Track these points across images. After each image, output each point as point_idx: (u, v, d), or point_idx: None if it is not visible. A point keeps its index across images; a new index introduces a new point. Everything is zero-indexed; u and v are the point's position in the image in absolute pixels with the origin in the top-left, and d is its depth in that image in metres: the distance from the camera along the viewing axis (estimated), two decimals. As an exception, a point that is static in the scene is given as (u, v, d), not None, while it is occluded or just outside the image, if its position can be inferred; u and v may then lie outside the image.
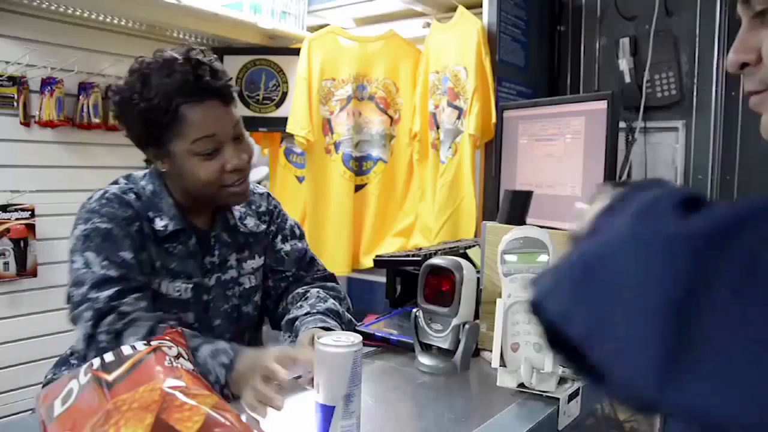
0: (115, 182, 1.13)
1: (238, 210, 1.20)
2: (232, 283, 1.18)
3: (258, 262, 1.23)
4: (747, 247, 0.31)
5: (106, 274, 1.00)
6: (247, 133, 1.12)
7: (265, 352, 0.91)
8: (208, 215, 1.17)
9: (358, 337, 0.77)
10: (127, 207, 1.06)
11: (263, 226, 1.24)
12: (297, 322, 1.13)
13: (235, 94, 1.11)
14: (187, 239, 1.11)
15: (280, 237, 1.26)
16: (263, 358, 0.88)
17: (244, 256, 1.20)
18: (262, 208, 1.25)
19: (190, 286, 1.11)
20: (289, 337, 1.14)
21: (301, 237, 1.31)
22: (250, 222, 1.22)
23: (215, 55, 1.09)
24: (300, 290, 1.23)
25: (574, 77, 2.22)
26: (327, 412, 0.76)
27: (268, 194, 1.29)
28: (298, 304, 1.18)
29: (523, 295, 0.92)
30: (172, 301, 1.09)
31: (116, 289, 0.99)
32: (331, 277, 1.31)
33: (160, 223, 1.08)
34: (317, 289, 1.22)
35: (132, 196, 1.08)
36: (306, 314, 1.13)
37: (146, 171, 1.15)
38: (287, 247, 1.26)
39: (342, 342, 0.76)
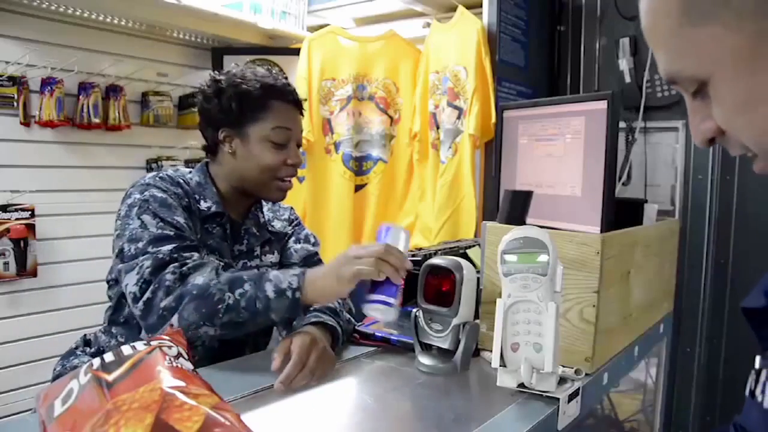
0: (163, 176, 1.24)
1: (267, 213, 1.35)
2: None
3: (275, 257, 1.35)
4: None
5: (163, 233, 1.08)
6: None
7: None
8: (242, 211, 1.29)
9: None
10: (178, 186, 1.18)
11: (286, 229, 1.38)
12: (296, 319, 1.14)
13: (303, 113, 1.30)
14: (225, 223, 1.23)
15: (294, 239, 1.39)
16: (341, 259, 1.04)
17: (266, 251, 1.33)
18: (285, 216, 1.40)
19: (222, 264, 1.17)
20: (285, 331, 1.19)
21: (315, 244, 1.41)
22: (277, 224, 1.37)
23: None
24: None
25: (574, 77, 2.22)
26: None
27: (291, 207, 1.45)
28: None
29: (522, 295, 0.92)
30: None
31: (175, 244, 1.07)
32: None
33: (204, 204, 1.20)
34: None
35: (181, 180, 1.21)
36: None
37: (192, 168, 1.28)
38: (297, 246, 1.38)
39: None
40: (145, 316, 1.01)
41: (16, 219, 1.99)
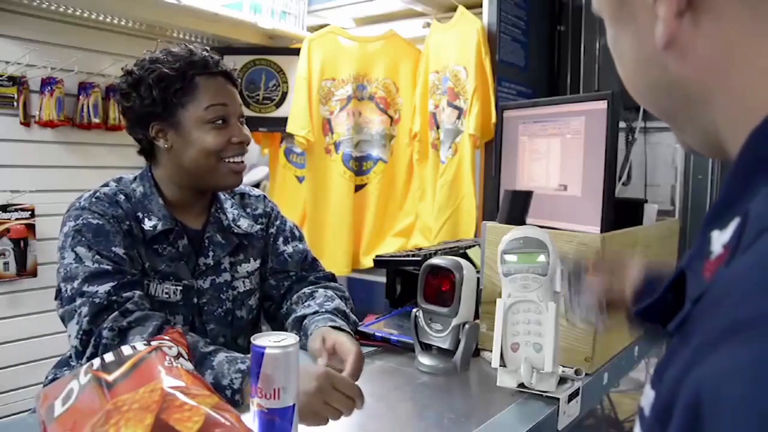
0: (105, 185, 1.13)
1: (231, 212, 1.20)
2: (226, 287, 1.16)
3: (253, 265, 1.22)
4: None
5: (99, 268, 0.99)
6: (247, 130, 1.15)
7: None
8: (201, 215, 1.17)
9: (286, 333, 0.76)
10: (116, 206, 1.07)
11: (258, 228, 1.24)
12: (306, 321, 1.12)
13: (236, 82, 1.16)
14: (177, 240, 1.11)
15: (281, 239, 1.27)
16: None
17: (239, 259, 1.19)
18: (258, 211, 1.26)
19: (180, 288, 1.09)
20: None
21: (301, 238, 1.31)
22: (244, 223, 1.21)
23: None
24: (306, 290, 1.22)
25: (574, 77, 2.22)
26: (291, 413, 0.73)
27: (265, 197, 1.30)
28: (306, 303, 1.18)
29: (523, 295, 0.92)
30: (161, 303, 1.07)
31: (112, 283, 0.97)
32: (332, 278, 1.31)
33: (149, 224, 1.08)
34: (324, 289, 1.22)
35: (122, 197, 1.09)
36: (314, 313, 1.13)
37: (137, 174, 1.15)
38: (289, 248, 1.26)
39: (283, 340, 0.73)
40: None
41: (16, 219, 1.99)
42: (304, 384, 0.80)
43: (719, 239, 0.34)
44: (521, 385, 0.93)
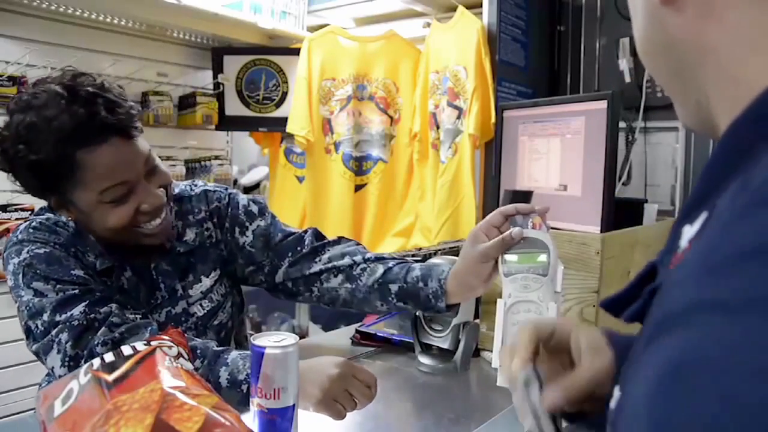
0: (37, 214, 1.02)
1: (174, 226, 1.05)
2: (184, 316, 1.05)
3: (206, 283, 1.08)
4: None
5: (65, 295, 0.89)
6: (158, 160, 0.98)
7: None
8: (141, 246, 1.01)
9: (286, 333, 0.76)
10: (57, 234, 0.96)
11: (207, 234, 1.10)
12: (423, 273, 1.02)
13: (138, 123, 0.94)
14: (120, 275, 1.00)
15: (237, 230, 1.11)
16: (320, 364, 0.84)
17: (188, 282, 1.06)
18: (201, 214, 1.10)
19: (139, 315, 0.96)
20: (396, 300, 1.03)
21: (261, 212, 1.13)
22: (190, 235, 1.07)
23: (102, 78, 0.94)
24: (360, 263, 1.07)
25: (574, 77, 2.22)
26: (291, 413, 0.73)
27: (206, 191, 1.12)
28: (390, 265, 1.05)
29: (523, 295, 0.92)
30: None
31: (84, 303, 0.88)
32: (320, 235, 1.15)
33: (90, 258, 0.97)
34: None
35: (58, 228, 0.97)
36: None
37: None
38: (248, 236, 1.10)
39: (283, 340, 0.72)
40: None
41: (16, 219, 1.99)
42: (327, 370, 0.81)
43: (687, 234, 0.33)
44: (522, 385, 0.92)
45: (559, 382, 0.53)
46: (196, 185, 1.14)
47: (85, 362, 0.85)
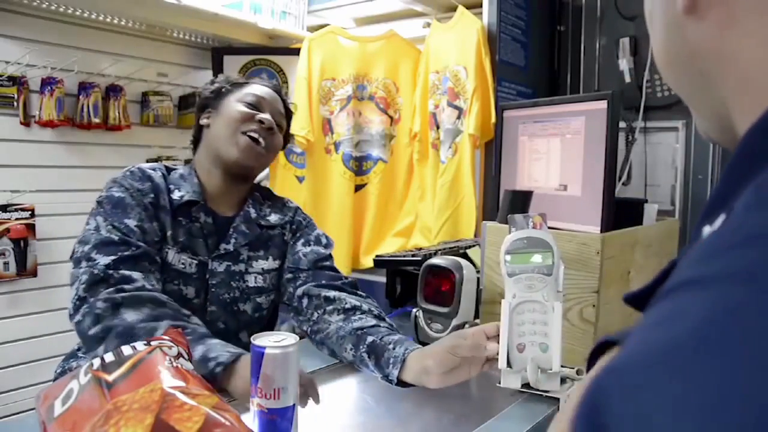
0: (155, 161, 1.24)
1: (264, 209, 1.26)
2: (239, 276, 1.18)
3: (270, 264, 1.23)
4: None
5: (109, 237, 1.04)
6: (279, 136, 1.27)
7: None
8: (234, 207, 1.22)
9: (286, 333, 0.76)
10: (146, 180, 1.13)
11: (283, 232, 1.26)
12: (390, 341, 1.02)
13: (288, 98, 1.37)
14: (201, 217, 1.16)
15: (302, 241, 1.27)
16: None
17: (257, 255, 1.21)
18: (286, 217, 1.29)
19: (195, 262, 1.13)
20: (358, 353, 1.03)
21: (327, 246, 1.29)
22: (274, 218, 1.26)
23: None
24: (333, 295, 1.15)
25: (574, 77, 2.22)
26: (291, 413, 0.73)
27: (297, 208, 1.34)
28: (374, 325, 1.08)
29: (528, 295, 0.92)
30: (176, 271, 1.12)
31: (113, 257, 1.01)
32: (355, 285, 1.24)
33: (177, 194, 1.15)
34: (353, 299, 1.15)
35: (158, 173, 1.16)
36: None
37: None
38: (307, 249, 1.25)
39: (283, 340, 0.73)
40: (77, 334, 0.99)
41: (16, 219, 1.99)
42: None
43: (707, 234, 0.34)
44: (525, 385, 0.93)
45: None
46: (290, 201, 1.37)
47: (86, 309, 0.95)
